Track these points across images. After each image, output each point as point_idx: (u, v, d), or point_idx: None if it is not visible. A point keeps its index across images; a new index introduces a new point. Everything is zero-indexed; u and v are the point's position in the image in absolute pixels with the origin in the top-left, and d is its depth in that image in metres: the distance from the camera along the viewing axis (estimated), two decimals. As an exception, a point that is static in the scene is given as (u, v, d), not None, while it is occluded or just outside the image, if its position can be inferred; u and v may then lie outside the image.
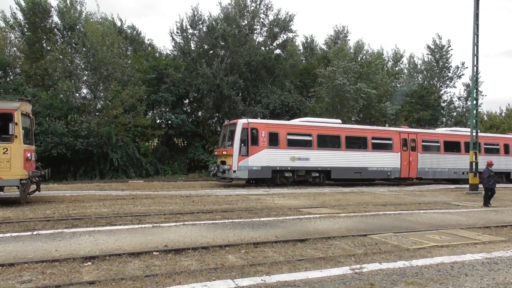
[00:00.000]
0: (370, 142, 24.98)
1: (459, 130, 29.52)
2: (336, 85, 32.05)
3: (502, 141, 30.08)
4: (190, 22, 35.68)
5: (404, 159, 25.83)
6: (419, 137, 26.70)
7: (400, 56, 46.19)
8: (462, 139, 27.89)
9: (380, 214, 12.49)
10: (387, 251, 7.76)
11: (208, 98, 34.32)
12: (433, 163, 26.82)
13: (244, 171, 21.44)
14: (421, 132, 27.94)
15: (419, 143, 26.51)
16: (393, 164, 25.37)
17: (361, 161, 24.51)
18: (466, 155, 26.68)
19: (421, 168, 26.31)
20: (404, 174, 25.86)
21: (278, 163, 22.15)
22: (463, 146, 27.69)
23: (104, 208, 12.71)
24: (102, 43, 28.86)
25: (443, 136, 28.11)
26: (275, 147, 22.13)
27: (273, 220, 10.90)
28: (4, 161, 12.39)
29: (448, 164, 27.28)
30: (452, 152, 27.62)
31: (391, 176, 25.38)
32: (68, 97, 29.24)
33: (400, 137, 25.94)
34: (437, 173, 27.04)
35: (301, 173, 22.99)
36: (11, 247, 7.48)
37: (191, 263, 6.71)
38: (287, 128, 23.05)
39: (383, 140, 25.71)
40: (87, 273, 6.11)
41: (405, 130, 27.04)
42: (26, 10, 31.08)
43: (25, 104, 13.73)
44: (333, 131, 24.26)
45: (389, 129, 27.38)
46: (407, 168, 25.92)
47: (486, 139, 29.40)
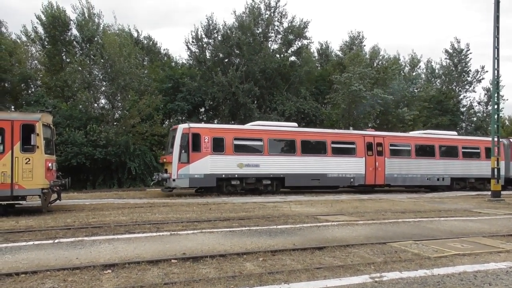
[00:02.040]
0: (330, 146, 23.39)
1: (433, 133, 27.75)
2: (352, 91, 31.92)
3: (483, 144, 27.69)
4: (205, 31, 36.12)
5: (369, 164, 24.19)
6: (386, 141, 25.02)
7: (417, 61, 45.75)
8: (437, 142, 26.39)
9: (399, 222, 12.30)
10: (407, 260, 7.61)
11: (223, 106, 34.57)
12: (403, 168, 25.04)
13: (184, 180, 20.07)
14: (389, 135, 26.24)
15: (386, 147, 24.82)
16: (357, 170, 23.77)
17: (320, 167, 22.90)
18: (442, 160, 25.92)
19: (389, 174, 24.61)
20: (370, 181, 24.26)
21: (224, 171, 20.76)
22: (438, 150, 26.17)
23: (123, 216, 12.85)
24: (119, 54, 29.39)
25: (415, 139, 26.32)
26: (220, 153, 20.79)
27: (290, 228, 10.85)
28: (27, 171, 12.69)
29: (421, 169, 25.48)
30: (425, 157, 25.76)
31: (354, 182, 23.75)
32: (87, 107, 29.80)
33: (364, 141, 24.34)
34: (407, 179, 25.24)
35: (250, 180, 21.52)
36: (34, 255, 7.63)
37: (209, 271, 6.72)
38: (234, 133, 21.68)
39: (344, 144, 24.13)
40: (107, 280, 6.18)
41: (370, 133, 25.36)
42: (46, 24, 31.95)
43: (46, 115, 14.05)
44: (287, 135, 22.81)
45: (352, 132, 25.58)
46: (373, 174, 24.26)
47: (465, 143, 27.67)
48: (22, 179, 12.68)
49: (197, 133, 20.61)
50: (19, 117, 13.41)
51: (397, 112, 35.08)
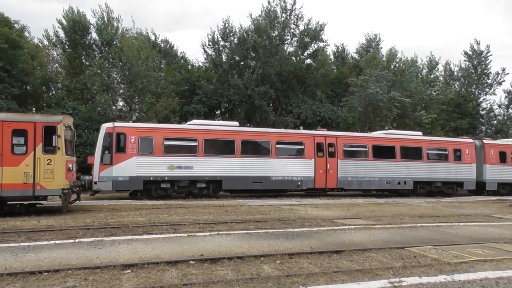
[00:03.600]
0: (274, 147, 21.66)
1: (395, 133, 25.84)
2: (369, 94, 31.67)
3: (451, 145, 25.84)
4: (222, 34, 36.33)
5: (320, 166, 22.39)
6: (339, 141, 23.11)
7: (435, 63, 45.16)
8: (398, 143, 24.35)
9: (417, 226, 12.16)
10: (426, 265, 7.53)
11: (239, 108, 34.68)
12: (358, 171, 23.18)
13: (107, 183, 18.67)
14: (342, 135, 24.27)
15: (339, 148, 22.94)
16: (305, 173, 22.01)
17: (262, 169, 21.25)
18: (403, 162, 24.06)
19: (342, 177, 22.75)
20: (320, 184, 22.47)
21: (152, 173, 19.23)
22: (399, 152, 24.12)
23: (141, 217, 13.02)
24: (137, 57, 29.83)
25: (372, 140, 24.34)
26: (148, 154, 19.28)
27: (307, 231, 10.83)
28: (48, 171, 12.97)
29: (379, 172, 23.52)
30: (384, 159, 23.83)
31: (302, 186, 22.09)
32: (106, 109, 30.27)
33: (314, 141, 22.54)
34: (364, 182, 23.35)
35: (183, 183, 20.04)
36: (55, 254, 7.80)
37: (227, 272, 6.76)
38: (164, 133, 20.10)
39: (291, 145, 22.53)
40: (127, 280, 6.28)
41: (321, 133, 23.45)
42: (67, 28, 32.66)
43: (67, 117, 14.36)
44: (225, 135, 21.22)
45: (299, 132, 23.87)
46: (323, 177, 22.44)
47: (430, 143, 25.69)
48: (44, 180, 12.97)
49: (122, 133, 19.24)
50: (41, 119, 13.75)
51: (414, 115, 34.62)
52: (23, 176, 12.76)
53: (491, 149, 26.62)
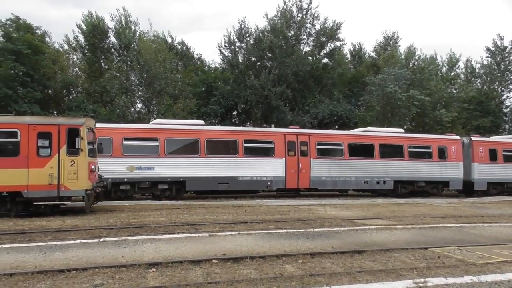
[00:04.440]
0: (242, 146, 20.69)
1: (373, 130, 24.54)
2: (387, 93, 31.38)
3: (435, 143, 24.44)
4: (238, 35, 36.55)
5: (291, 166, 21.35)
6: (312, 139, 21.93)
7: (455, 60, 44.36)
8: (376, 141, 23.07)
9: (440, 227, 11.99)
10: (451, 265, 7.43)
11: (256, 109, 34.78)
12: (333, 170, 22.03)
13: None
14: (316, 133, 23.19)
15: (312, 147, 21.78)
16: (275, 173, 21.02)
17: (229, 169, 20.32)
18: (383, 161, 22.86)
19: (315, 177, 21.64)
20: (291, 184, 21.46)
21: (110, 174, 18.01)
22: (377, 150, 22.85)
23: (162, 217, 13.17)
24: (155, 60, 30.26)
25: (348, 137, 23.14)
26: (105, 155, 18.19)
27: (327, 231, 10.80)
28: (72, 173, 13.25)
29: (356, 171, 22.35)
30: (361, 157, 22.68)
31: (271, 186, 21.09)
32: (124, 111, 30.77)
33: (285, 140, 21.45)
34: (339, 182, 22.22)
35: (144, 185, 19.23)
36: (82, 253, 7.98)
37: (250, 271, 6.81)
38: (123, 133, 19.29)
39: (260, 144, 21.44)
40: (152, 278, 6.39)
41: (293, 131, 22.34)
42: (86, 32, 33.37)
43: (89, 120, 14.63)
44: (189, 134, 20.29)
45: (269, 131, 22.96)
46: (295, 177, 21.41)
47: (412, 141, 24.18)
48: (68, 181, 13.25)
49: None
50: (65, 121, 14.03)
51: (434, 114, 34.12)
52: (48, 177, 13.06)
53: (480, 146, 25.11)
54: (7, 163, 12.95)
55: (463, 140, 25.32)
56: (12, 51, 27.01)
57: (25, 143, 12.98)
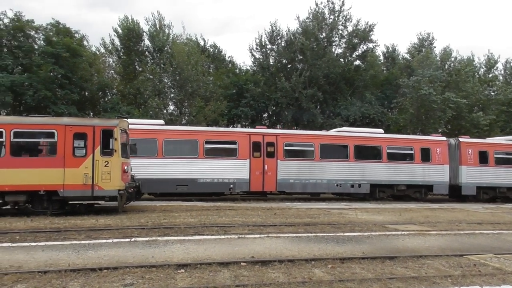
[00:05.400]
0: (202, 146, 19.99)
1: (347, 131, 23.38)
2: (421, 95, 30.54)
3: (418, 144, 22.99)
4: (269, 37, 36.57)
5: (256, 168, 20.52)
6: (280, 140, 20.99)
7: (494, 61, 42.63)
8: (351, 142, 21.93)
9: (476, 233, 11.53)
10: (488, 274, 7.14)
11: (286, 111, 34.66)
12: (302, 172, 21.08)
13: None
14: (284, 133, 22.02)
15: (280, 148, 20.86)
16: (238, 175, 20.21)
17: (188, 171, 19.69)
18: (358, 163, 21.72)
19: (282, 179, 20.73)
20: (256, 187, 20.57)
21: None
22: (352, 151, 21.83)
23: (192, 218, 13.32)
24: (187, 62, 30.71)
25: (320, 138, 21.93)
26: None
27: (358, 236, 10.59)
28: (105, 173, 13.63)
29: (328, 174, 21.34)
30: (334, 159, 21.63)
31: (234, 189, 20.32)
32: (157, 113, 31.37)
33: (250, 140, 20.63)
34: (309, 185, 21.18)
35: None
36: (113, 252, 8.17)
37: (278, 275, 6.76)
38: None
39: (222, 144, 20.67)
40: (181, 279, 6.45)
41: (259, 132, 21.42)
42: (122, 36, 34.30)
43: (123, 121, 15.01)
44: (146, 134, 19.59)
45: (233, 131, 21.98)
46: (260, 180, 20.55)
47: (392, 142, 22.83)
48: (102, 181, 13.64)
49: None
50: (100, 123, 14.45)
51: (471, 117, 32.93)
52: (83, 177, 13.48)
53: (469, 148, 23.52)
54: (45, 163, 13.48)
55: (449, 141, 23.93)
56: (52, 54, 28.10)
57: (62, 144, 13.45)
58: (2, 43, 29.38)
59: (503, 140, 25.29)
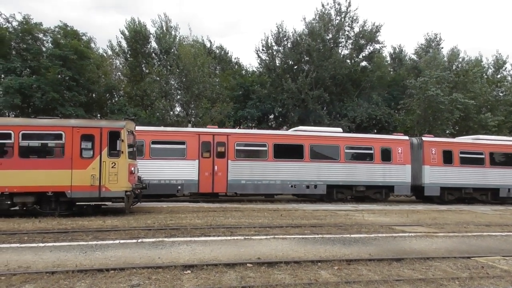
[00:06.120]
0: (149, 147, 19.48)
1: (303, 130, 22.81)
2: (429, 96, 30.38)
3: (378, 143, 22.34)
4: (275, 39, 36.53)
5: (205, 168, 20.00)
6: (231, 140, 20.51)
7: (502, 62, 42.25)
8: (307, 141, 21.38)
9: (484, 235, 11.44)
10: (496, 276, 7.08)
11: (293, 112, 34.64)
12: (255, 173, 20.51)
13: None
14: (236, 133, 21.56)
15: (231, 148, 20.36)
16: (187, 176, 19.64)
17: None
18: (314, 163, 21.10)
19: (233, 181, 20.22)
20: (205, 189, 20.07)
21: None
22: (308, 151, 21.17)
23: (198, 220, 13.35)
24: (193, 64, 30.82)
25: (273, 137, 21.32)
26: None
27: (364, 237, 10.55)
28: (113, 174, 13.70)
29: (281, 174, 20.77)
30: (289, 159, 21.05)
31: (182, 190, 19.85)
32: (164, 115, 31.51)
33: (199, 140, 20.15)
34: (262, 186, 20.59)
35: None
36: (120, 253, 8.22)
37: (284, 276, 6.76)
38: None
39: (170, 145, 20.03)
40: (188, 280, 6.47)
41: (209, 131, 20.91)
42: (129, 38, 34.52)
43: (129, 123, 15.09)
44: None
45: (181, 130, 21.37)
46: (210, 181, 20.02)
47: (350, 141, 22.22)
48: (109, 182, 13.72)
49: None
50: (107, 124, 14.54)
51: (479, 118, 32.67)
52: (90, 178, 13.57)
53: (432, 147, 22.78)
54: (53, 164, 13.60)
55: (412, 140, 23.30)
56: (60, 56, 28.35)
57: (69, 145, 13.56)
58: (11, 46, 29.70)
59: (469, 140, 24.74)
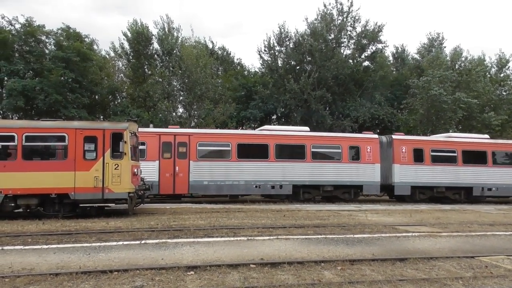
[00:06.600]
0: None
1: (268, 129, 22.45)
2: (432, 96, 30.31)
3: (346, 142, 21.86)
4: (277, 39, 36.51)
5: (166, 169, 19.70)
6: (193, 140, 20.10)
7: (505, 61, 42.06)
8: (272, 141, 20.89)
9: (488, 235, 11.40)
10: (500, 276, 7.06)
11: (295, 113, 34.63)
12: (217, 173, 20.18)
13: None
14: (198, 133, 21.09)
15: (193, 148, 19.97)
16: (147, 177, 18.68)
17: None
18: (279, 163, 20.70)
19: (195, 181, 19.77)
20: (166, 190, 19.74)
21: None
22: (273, 151, 20.76)
23: (201, 221, 13.36)
24: (196, 65, 30.86)
25: (237, 137, 21.01)
26: None
27: (368, 237, 10.53)
28: (116, 176, 13.73)
29: (245, 175, 20.39)
30: (253, 159, 20.68)
31: None
32: (166, 116, 31.57)
33: (159, 141, 19.81)
34: (224, 187, 20.25)
35: None
36: (123, 254, 8.23)
37: (287, 277, 6.76)
38: None
39: None
40: (191, 281, 6.47)
41: (170, 131, 20.63)
42: (131, 40, 34.59)
43: (132, 124, 15.11)
44: None
45: (140, 131, 20.11)
46: (171, 182, 19.72)
47: (317, 140, 21.70)
48: (112, 184, 13.74)
49: None
50: (110, 126, 14.57)
51: (482, 117, 32.56)
52: (93, 180, 13.60)
53: (402, 145, 22.39)
54: (56, 166, 13.65)
55: (381, 139, 22.87)
56: (63, 58, 28.47)
57: (73, 147, 13.60)
58: (14, 48, 29.85)
59: (442, 138, 24.37)
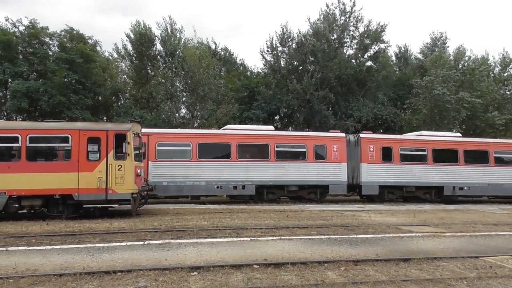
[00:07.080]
0: None
1: (230, 129, 22.08)
2: (435, 96, 30.21)
3: (311, 141, 21.46)
4: (280, 40, 36.53)
5: None
6: (152, 140, 19.65)
7: (509, 60, 41.86)
8: (234, 140, 20.55)
9: (492, 235, 11.34)
10: (504, 276, 7.01)
11: (298, 113, 34.62)
12: (178, 174, 19.80)
13: None
14: (157, 132, 20.58)
15: (152, 148, 19.60)
16: None
17: None
18: (241, 162, 20.36)
19: (154, 182, 19.04)
20: None
21: None
22: (235, 150, 20.41)
23: (204, 221, 13.36)
24: (198, 66, 30.92)
25: (198, 137, 20.60)
26: None
27: (371, 238, 10.50)
28: (119, 177, 13.77)
29: (207, 175, 19.99)
30: (214, 159, 20.38)
31: None
32: (169, 117, 31.62)
33: None
34: (185, 188, 19.86)
35: None
36: (127, 255, 8.25)
37: (291, 277, 6.74)
38: None
39: None
40: (194, 282, 6.47)
41: None
42: (134, 41, 34.71)
43: (135, 125, 15.16)
44: None
45: None
46: None
47: (281, 140, 21.44)
48: (115, 184, 13.78)
49: None
50: (113, 127, 14.61)
51: (486, 117, 32.44)
52: (97, 181, 13.64)
53: (370, 144, 21.94)
54: (60, 167, 13.70)
55: (348, 137, 22.53)
56: (66, 60, 28.60)
57: (76, 148, 13.65)
58: (18, 50, 29.98)
59: (412, 136, 24.07)
